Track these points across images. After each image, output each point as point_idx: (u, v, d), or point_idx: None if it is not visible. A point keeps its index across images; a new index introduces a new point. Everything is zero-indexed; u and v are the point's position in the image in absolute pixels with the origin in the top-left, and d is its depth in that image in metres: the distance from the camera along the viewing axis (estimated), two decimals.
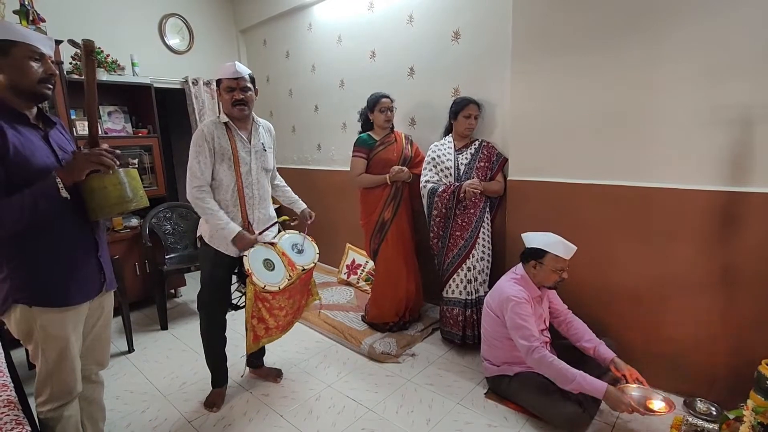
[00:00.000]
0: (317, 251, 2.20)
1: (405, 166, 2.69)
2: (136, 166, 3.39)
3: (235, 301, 2.24)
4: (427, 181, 2.59)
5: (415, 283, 2.85)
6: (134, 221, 3.37)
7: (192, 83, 3.96)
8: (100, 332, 1.58)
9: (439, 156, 2.58)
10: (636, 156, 2.04)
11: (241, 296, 2.29)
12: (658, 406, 1.78)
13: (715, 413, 1.87)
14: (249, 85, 1.94)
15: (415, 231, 2.89)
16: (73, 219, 1.38)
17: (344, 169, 3.58)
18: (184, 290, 3.74)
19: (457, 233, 2.51)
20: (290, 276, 2.00)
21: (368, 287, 3.34)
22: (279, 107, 4.33)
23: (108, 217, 1.46)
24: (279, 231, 2.19)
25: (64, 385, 1.41)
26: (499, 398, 2.11)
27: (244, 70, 1.92)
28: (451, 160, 2.56)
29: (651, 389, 1.88)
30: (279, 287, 1.92)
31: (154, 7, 3.83)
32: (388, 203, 2.71)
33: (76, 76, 3.15)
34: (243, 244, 1.93)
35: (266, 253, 2.00)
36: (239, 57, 4.50)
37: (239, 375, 2.38)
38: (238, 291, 2.28)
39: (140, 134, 3.50)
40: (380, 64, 3.25)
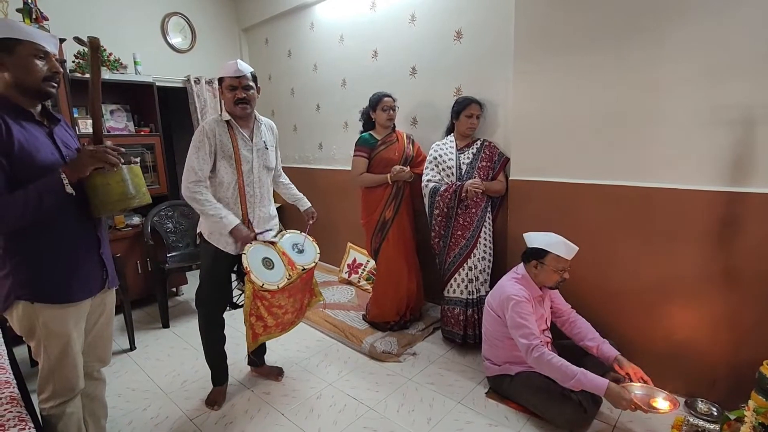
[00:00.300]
0: (318, 251, 2.20)
1: (406, 166, 2.70)
2: (138, 163, 3.40)
3: (235, 299, 2.25)
4: (428, 180, 2.59)
5: (416, 283, 2.85)
6: (136, 219, 3.38)
7: (194, 82, 3.97)
8: (102, 329, 1.59)
9: (440, 155, 2.58)
10: (637, 156, 2.04)
11: (240, 294, 2.29)
12: (662, 404, 1.76)
13: (716, 414, 1.87)
14: (251, 84, 1.93)
15: (416, 230, 2.89)
16: (76, 216, 1.38)
17: (346, 168, 3.58)
18: (185, 288, 3.75)
19: (459, 233, 2.51)
20: (290, 275, 1.99)
21: (369, 286, 3.34)
22: (281, 106, 4.33)
23: (111, 213, 1.47)
24: (280, 230, 2.19)
25: (67, 381, 1.42)
26: (500, 398, 2.11)
27: (246, 69, 1.91)
28: (452, 160, 2.56)
29: (655, 388, 1.86)
30: (278, 286, 1.92)
31: (157, 5, 3.83)
32: (389, 203, 2.71)
33: (79, 75, 3.16)
34: (240, 237, 1.91)
35: (266, 251, 1.99)
36: (241, 56, 4.50)
37: (240, 372, 2.39)
38: (238, 289, 2.29)
39: (142, 133, 3.51)
40: (382, 63, 3.25)
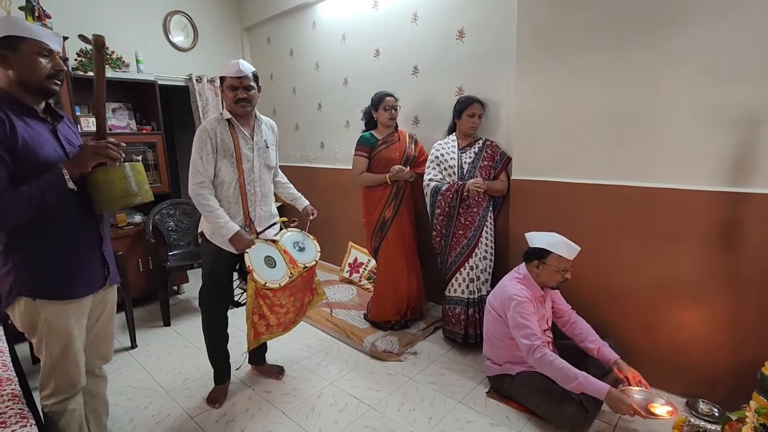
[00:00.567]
0: (319, 249, 2.20)
1: (407, 165, 2.69)
2: (140, 161, 3.40)
3: (237, 298, 2.25)
4: (430, 179, 2.58)
5: (416, 282, 2.85)
6: (137, 218, 3.38)
7: (196, 80, 3.97)
8: (104, 326, 1.59)
9: (442, 155, 2.58)
10: (639, 156, 2.04)
11: (242, 293, 2.30)
12: (660, 410, 1.75)
13: (717, 414, 1.87)
14: (252, 84, 1.93)
15: (417, 230, 2.89)
16: (78, 212, 1.38)
17: (347, 167, 3.57)
18: (186, 287, 3.76)
19: (460, 232, 2.51)
20: (291, 273, 2.00)
21: (370, 286, 3.35)
22: (282, 105, 4.33)
23: (113, 210, 1.47)
24: (281, 229, 2.19)
25: (68, 378, 1.42)
26: (500, 397, 2.11)
27: (248, 69, 1.91)
28: (454, 159, 2.55)
29: (653, 392, 1.87)
30: (280, 284, 1.93)
31: (159, 4, 3.84)
32: (389, 202, 2.71)
33: (81, 73, 3.16)
34: (240, 244, 1.92)
35: (267, 250, 2.00)
36: (243, 54, 4.51)
37: (241, 370, 2.39)
38: (240, 288, 2.29)
39: (144, 131, 3.51)
40: (384, 62, 3.25)
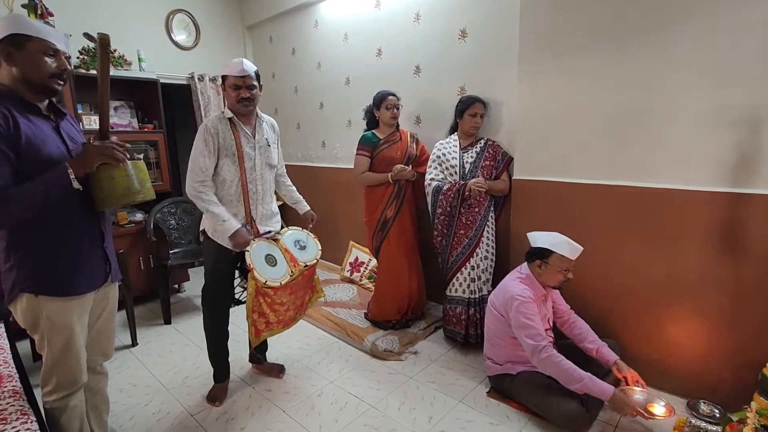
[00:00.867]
0: (320, 248, 2.20)
1: (409, 165, 2.69)
2: (141, 159, 3.41)
3: (237, 296, 2.25)
4: (432, 179, 2.58)
5: (417, 281, 2.85)
6: (139, 216, 3.39)
7: (198, 79, 3.97)
8: (105, 323, 1.60)
9: (444, 154, 2.58)
10: (641, 156, 2.03)
11: (243, 291, 2.30)
12: (658, 410, 1.81)
13: (718, 415, 1.86)
14: (255, 83, 1.94)
15: (418, 229, 2.89)
16: (80, 209, 1.39)
17: (348, 166, 3.58)
18: (187, 285, 3.76)
19: (461, 232, 2.51)
20: (292, 272, 2.00)
21: (371, 285, 3.34)
22: (284, 104, 4.33)
23: (115, 207, 1.48)
24: (282, 227, 2.19)
25: (70, 374, 1.43)
26: (501, 397, 2.11)
27: (251, 68, 1.92)
28: (456, 159, 2.55)
29: (651, 393, 1.90)
30: (280, 283, 1.92)
31: (161, 2, 3.84)
32: (391, 201, 2.71)
33: (83, 71, 3.16)
34: (239, 241, 1.91)
35: (268, 248, 2.00)
36: (245, 53, 4.51)
37: (241, 369, 2.39)
38: (241, 286, 2.30)
39: (146, 129, 3.52)
40: (386, 62, 3.25)
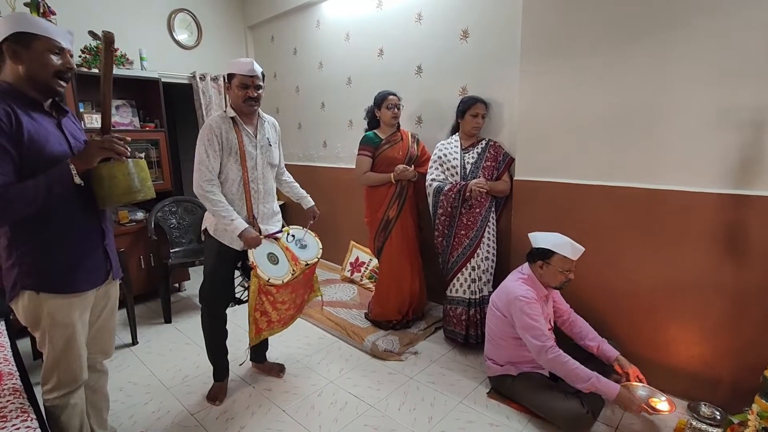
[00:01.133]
0: (320, 247, 2.21)
1: (411, 165, 2.69)
2: (143, 158, 3.42)
3: (238, 295, 2.25)
4: (433, 179, 2.58)
5: (418, 282, 2.85)
6: (140, 215, 3.39)
7: (199, 78, 3.97)
8: (106, 321, 1.60)
9: (445, 155, 2.58)
10: (643, 157, 2.03)
11: (244, 290, 2.30)
12: (663, 406, 1.85)
13: (719, 417, 1.86)
14: (261, 84, 1.97)
15: (419, 229, 2.89)
16: (81, 207, 1.39)
17: (350, 166, 3.58)
18: (188, 284, 3.76)
19: (462, 232, 2.51)
20: (294, 270, 2.00)
21: (371, 285, 3.34)
22: (286, 104, 4.33)
23: (116, 205, 1.48)
24: (283, 226, 2.19)
25: (71, 372, 1.43)
26: (501, 398, 2.11)
27: (258, 69, 1.95)
28: (457, 159, 2.55)
29: (653, 388, 1.94)
30: (283, 281, 1.93)
31: (163, 2, 3.84)
32: (393, 202, 2.71)
33: (85, 69, 3.16)
34: (248, 241, 1.92)
35: (270, 247, 2.00)
36: (247, 53, 4.51)
37: (241, 368, 2.39)
38: (241, 285, 2.30)
39: (147, 128, 3.52)
40: (388, 62, 3.25)
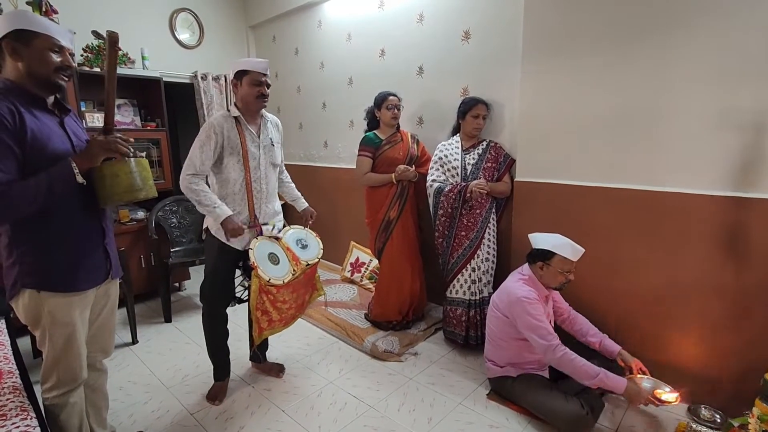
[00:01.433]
0: (321, 247, 2.20)
1: (411, 165, 2.69)
2: (144, 157, 3.43)
3: (239, 295, 2.25)
4: (433, 180, 2.58)
5: (419, 283, 2.85)
6: (140, 214, 3.39)
7: (201, 78, 3.98)
8: (106, 320, 1.60)
9: (446, 156, 2.58)
10: (644, 159, 2.03)
11: (244, 290, 2.30)
12: (669, 396, 1.88)
13: (719, 420, 1.86)
14: (269, 83, 2.00)
15: (420, 230, 2.89)
16: (82, 205, 1.39)
17: (350, 167, 3.58)
18: (188, 284, 3.76)
19: (463, 233, 2.51)
20: (294, 270, 2.00)
21: (372, 285, 3.34)
22: (287, 104, 4.34)
23: (117, 204, 1.48)
24: (284, 226, 2.19)
25: (71, 371, 1.43)
26: (501, 399, 2.10)
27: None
28: (458, 160, 2.55)
29: (657, 380, 1.98)
30: (283, 281, 1.93)
31: (165, 1, 3.85)
32: (394, 202, 2.71)
33: (87, 68, 3.17)
34: (231, 228, 1.88)
35: (271, 247, 2.00)
36: (248, 53, 4.52)
37: (241, 368, 2.39)
38: (242, 285, 2.30)
39: (149, 128, 3.52)
40: (389, 62, 3.25)
